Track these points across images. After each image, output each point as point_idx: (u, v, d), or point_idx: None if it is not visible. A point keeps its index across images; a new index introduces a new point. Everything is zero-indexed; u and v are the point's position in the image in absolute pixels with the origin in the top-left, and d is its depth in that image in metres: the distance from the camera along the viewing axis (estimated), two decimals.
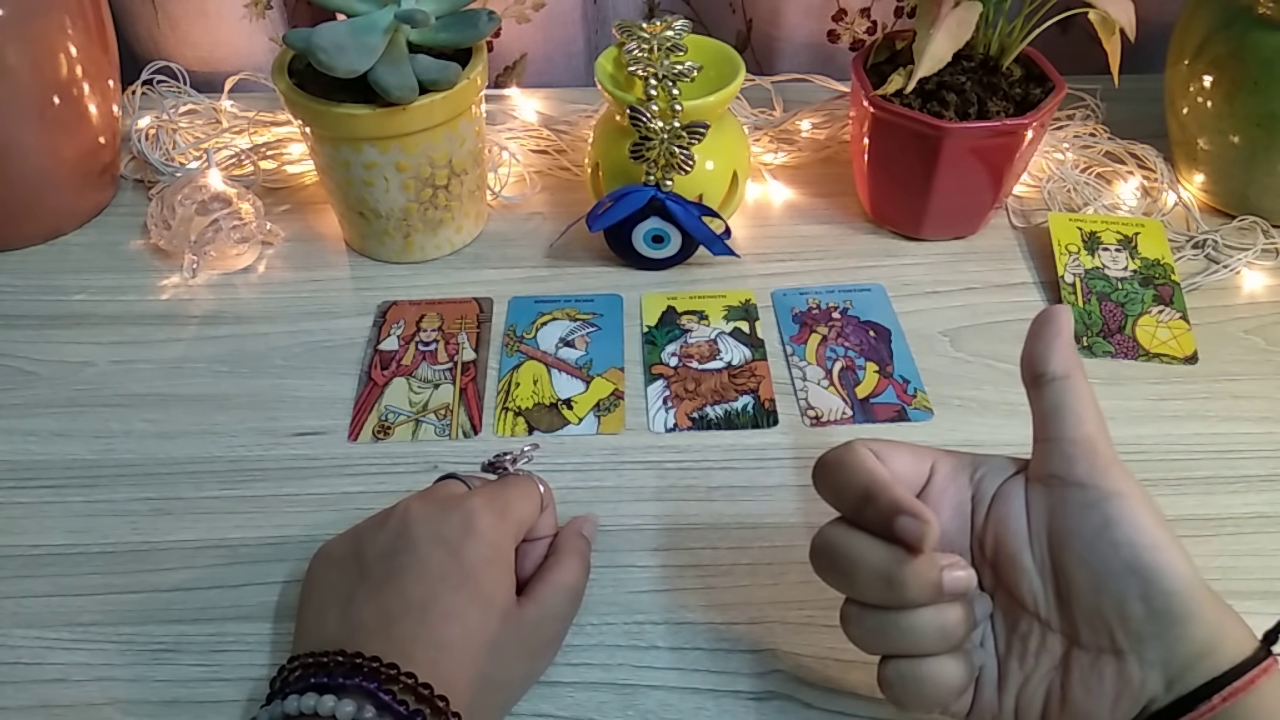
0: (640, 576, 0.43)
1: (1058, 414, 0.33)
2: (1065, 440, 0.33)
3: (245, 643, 0.41)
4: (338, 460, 0.49)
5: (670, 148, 0.54)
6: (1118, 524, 0.31)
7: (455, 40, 0.54)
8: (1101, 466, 0.32)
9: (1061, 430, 0.33)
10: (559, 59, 0.79)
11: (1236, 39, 0.56)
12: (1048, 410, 0.34)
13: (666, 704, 0.39)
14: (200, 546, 0.45)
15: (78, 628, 0.41)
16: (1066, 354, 0.34)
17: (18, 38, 0.54)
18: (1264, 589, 0.43)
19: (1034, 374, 0.34)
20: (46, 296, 0.58)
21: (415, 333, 0.56)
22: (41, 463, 0.48)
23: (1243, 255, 0.60)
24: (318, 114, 0.53)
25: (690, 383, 0.53)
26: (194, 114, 0.70)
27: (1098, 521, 0.31)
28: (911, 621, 0.32)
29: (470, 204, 0.60)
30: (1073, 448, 0.33)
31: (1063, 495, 0.32)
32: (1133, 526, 0.31)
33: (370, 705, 0.31)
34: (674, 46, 0.54)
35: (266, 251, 0.62)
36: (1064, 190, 0.65)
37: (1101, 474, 0.32)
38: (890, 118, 0.56)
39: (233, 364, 0.54)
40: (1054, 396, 0.33)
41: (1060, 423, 0.33)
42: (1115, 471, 0.32)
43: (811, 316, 0.57)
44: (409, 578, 0.35)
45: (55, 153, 0.60)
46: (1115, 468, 0.32)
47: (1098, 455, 0.32)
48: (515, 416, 0.51)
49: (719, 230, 0.57)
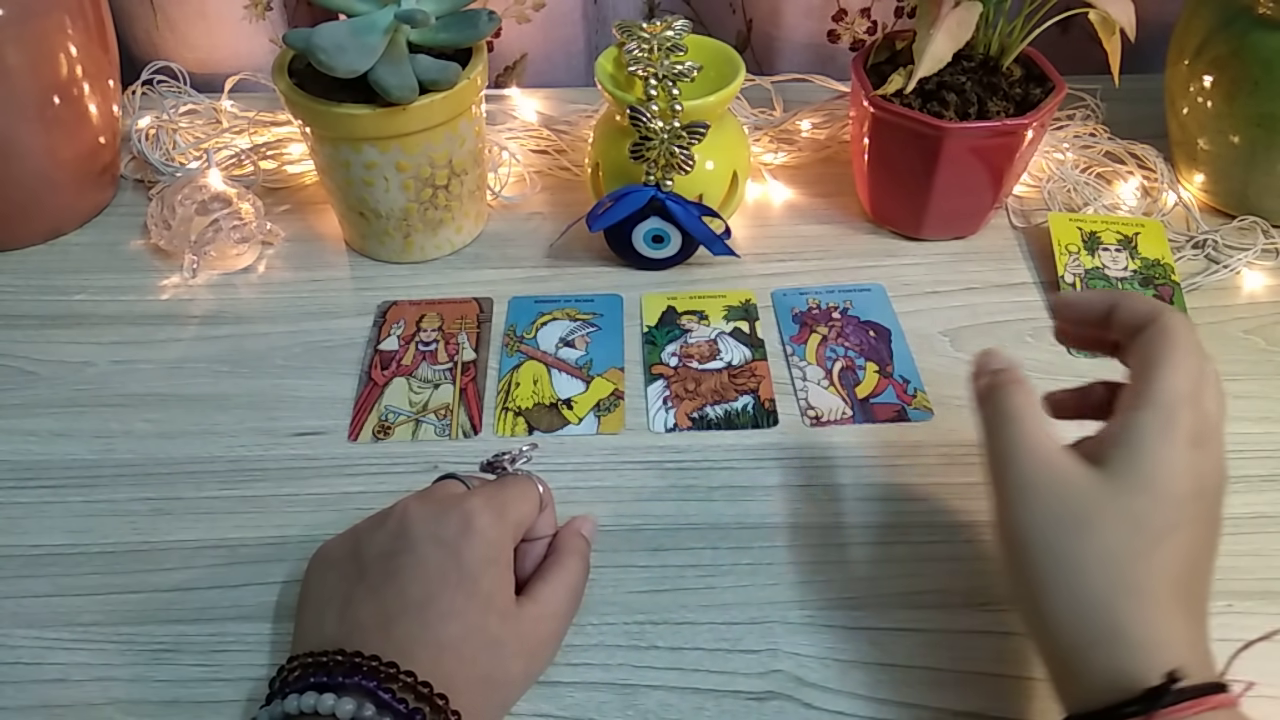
0: (640, 576, 0.43)
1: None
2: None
3: (245, 643, 0.41)
4: (338, 460, 0.49)
5: (670, 148, 0.54)
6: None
7: (455, 40, 0.54)
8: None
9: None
10: (559, 59, 0.79)
11: (1236, 39, 0.56)
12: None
13: (666, 704, 0.39)
14: (200, 546, 0.45)
15: (78, 628, 0.41)
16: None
17: (18, 38, 0.54)
18: (1264, 589, 0.43)
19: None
20: (46, 296, 0.58)
21: (415, 333, 0.56)
22: (41, 463, 0.48)
23: (1243, 255, 0.60)
24: (318, 114, 0.53)
25: (690, 383, 0.53)
26: (194, 114, 0.70)
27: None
28: None
29: (470, 204, 0.60)
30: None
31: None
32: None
33: (370, 704, 0.31)
34: (674, 46, 0.54)
35: (266, 251, 0.62)
36: (1064, 190, 0.65)
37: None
38: (890, 118, 0.56)
39: (233, 364, 0.54)
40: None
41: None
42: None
43: (811, 316, 0.57)
44: (408, 577, 0.35)
45: (55, 153, 0.60)
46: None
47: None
48: (515, 416, 0.51)
49: (719, 230, 0.57)
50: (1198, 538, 0.33)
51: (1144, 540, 0.32)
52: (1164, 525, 0.32)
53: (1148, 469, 0.33)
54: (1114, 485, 0.33)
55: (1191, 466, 0.33)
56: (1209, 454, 0.34)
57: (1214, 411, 0.34)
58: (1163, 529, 0.32)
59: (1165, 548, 0.32)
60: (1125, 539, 0.32)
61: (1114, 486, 0.33)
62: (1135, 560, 0.32)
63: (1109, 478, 0.33)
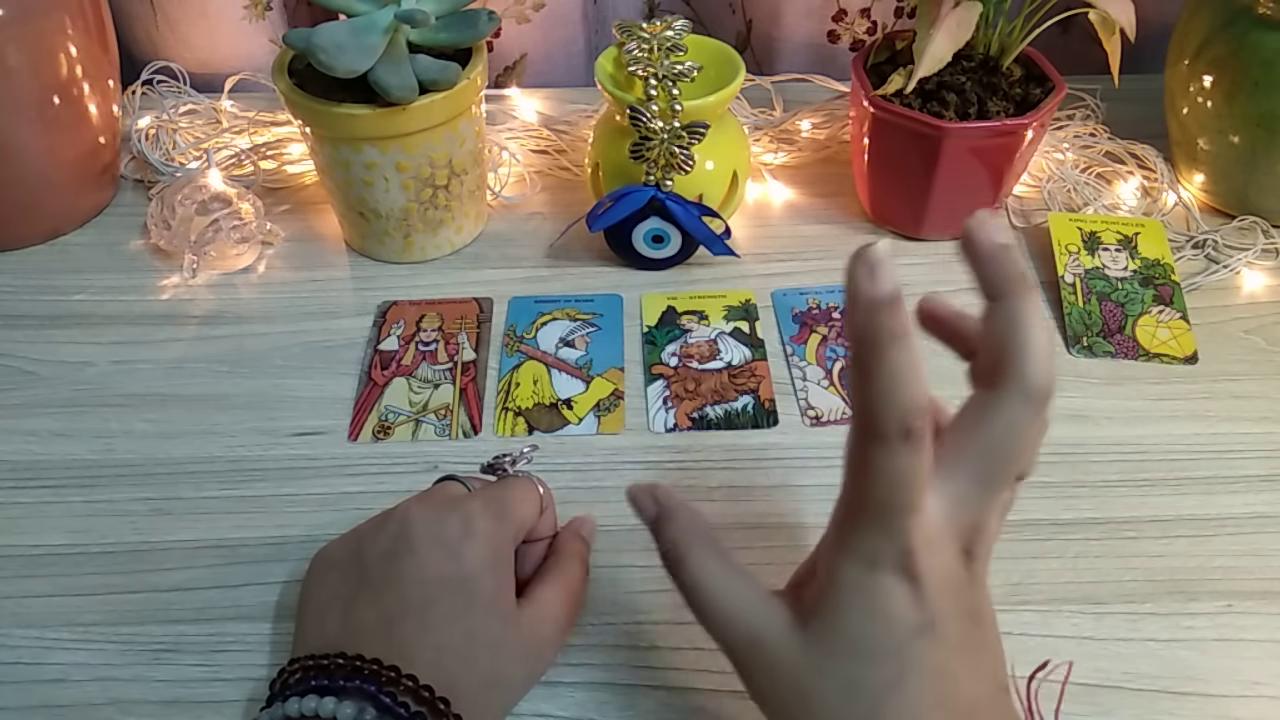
0: (640, 576, 0.43)
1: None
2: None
3: (245, 643, 0.41)
4: (338, 460, 0.49)
5: (670, 148, 0.54)
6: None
7: (455, 40, 0.54)
8: None
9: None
10: (559, 59, 0.79)
11: (1236, 39, 0.56)
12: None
13: (666, 704, 0.39)
14: (200, 546, 0.45)
15: (78, 628, 0.41)
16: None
17: (18, 38, 0.54)
18: (1264, 589, 0.43)
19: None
20: (46, 296, 0.58)
21: (415, 333, 0.56)
22: (41, 463, 0.48)
23: (1243, 255, 0.60)
24: (318, 114, 0.53)
25: (690, 383, 0.53)
26: (194, 114, 0.70)
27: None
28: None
29: (470, 204, 0.60)
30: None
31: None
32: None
33: (371, 707, 0.31)
34: (674, 46, 0.54)
35: (266, 251, 0.62)
36: (1064, 190, 0.65)
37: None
38: (890, 118, 0.56)
39: (233, 364, 0.54)
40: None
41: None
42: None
43: (811, 316, 0.57)
44: (409, 580, 0.35)
45: (55, 153, 0.60)
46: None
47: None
48: (515, 416, 0.51)
49: (719, 230, 0.57)
50: (937, 668, 0.28)
51: (866, 703, 0.28)
52: (885, 680, 0.28)
53: (851, 628, 0.29)
54: (821, 650, 0.29)
55: (910, 604, 0.28)
56: (934, 579, 0.28)
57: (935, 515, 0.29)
58: (883, 684, 0.28)
59: (896, 700, 0.28)
60: (846, 707, 0.29)
61: (821, 652, 0.29)
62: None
63: (816, 641, 0.29)
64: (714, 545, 0.33)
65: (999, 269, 0.30)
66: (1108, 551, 0.44)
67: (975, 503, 0.29)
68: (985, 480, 0.29)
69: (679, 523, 0.33)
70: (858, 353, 0.27)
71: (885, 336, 0.26)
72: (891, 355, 0.26)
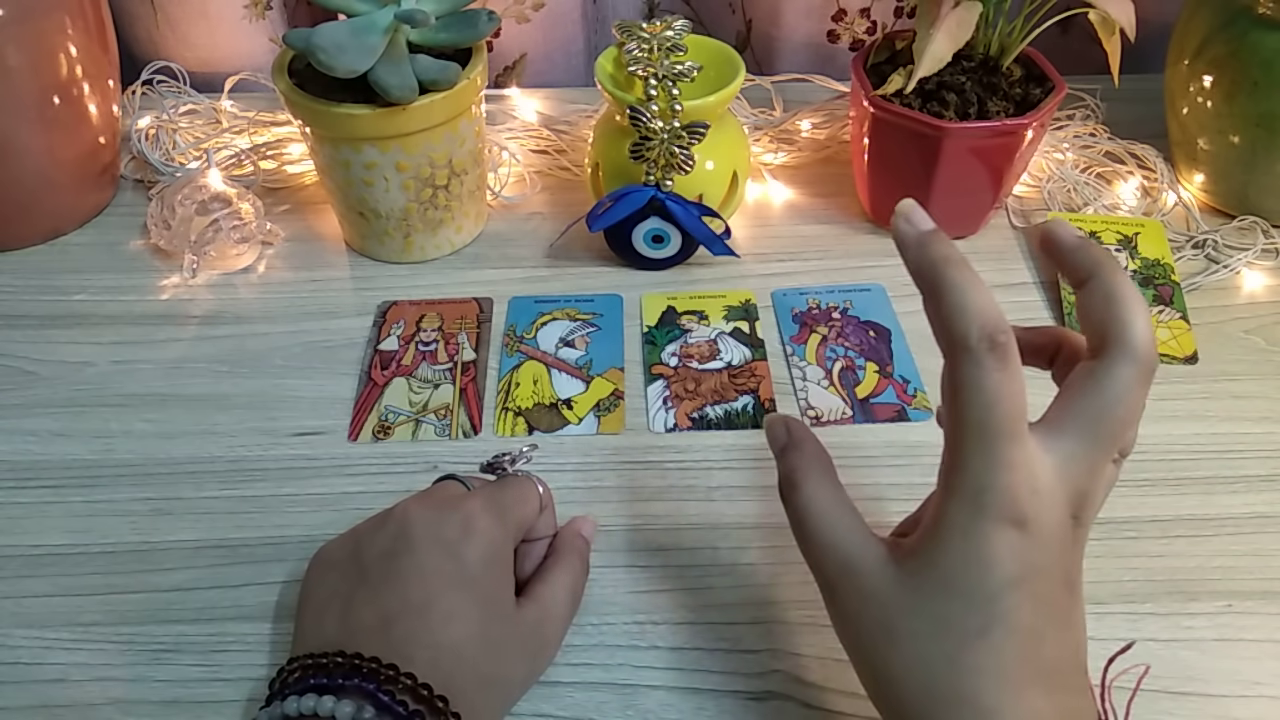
0: (640, 576, 0.43)
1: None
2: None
3: (245, 643, 0.41)
4: (337, 460, 0.49)
5: (670, 148, 0.54)
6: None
7: (455, 40, 0.54)
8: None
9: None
10: (559, 59, 0.79)
11: (1236, 39, 0.56)
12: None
13: (666, 704, 0.39)
14: (200, 546, 0.45)
15: (78, 628, 0.41)
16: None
17: (18, 38, 0.54)
18: (1264, 589, 0.43)
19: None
20: (46, 296, 0.58)
21: (415, 333, 0.56)
22: (41, 463, 0.48)
23: (1243, 255, 0.60)
24: (318, 114, 0.53)
25: (690, 383, 0.53)
26: (194, 114, 0.70)
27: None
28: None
29: (470, 204, 0.60)
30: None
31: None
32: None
33: (370, 706, 0.31)
34: (674, 46, 0.54)
35: (266, 251, 0.62)
36: (1064, 190, 0.65)
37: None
38: (890, 118, 0.56)
39: (233, 364, 0.54)
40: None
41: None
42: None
43: (811, 316, 0.57)
44: (408, 579, 0.35)
45: (55, 153, 0.60)
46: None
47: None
48: (515, 416, 0.51)
49: (719, 230, 0.57)
50: (1026, 625, 0.29)
51: (952, 643, 0.29)
52: (974, 626, 0.29)
53: (950, 567, 0.29)
54: (915, 587, 0.30)
55: (1012, 552, 0.29)
56: (1040, 530, 0.29)
57: (1045, 481, 0.29)
58: (972, 630, 0.29)
59: (981, 647, 0.29)
60: (932, 645, 0.29)
61: (915, 588, 0.30)
62: (947, 666, 0.29)
63: (911, 578, 0.30)
64: (830, 479, 0.34)
65: (1086, 254, 0.32)
66: (1108, 551, 0.44)
67: (1085, 462, 0.30)
68: (1095, 441, 0.30)
69: (804, 451, 0.34)
70: (922, 286, 0.30)
71: (939, 260, 0.29)
72: (949, 273, 0.29)
